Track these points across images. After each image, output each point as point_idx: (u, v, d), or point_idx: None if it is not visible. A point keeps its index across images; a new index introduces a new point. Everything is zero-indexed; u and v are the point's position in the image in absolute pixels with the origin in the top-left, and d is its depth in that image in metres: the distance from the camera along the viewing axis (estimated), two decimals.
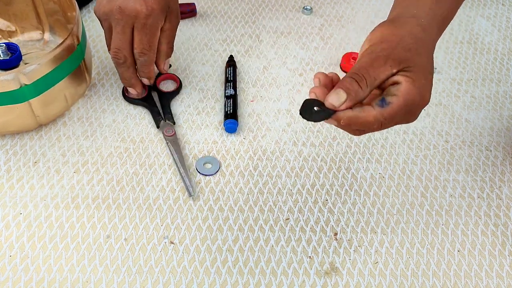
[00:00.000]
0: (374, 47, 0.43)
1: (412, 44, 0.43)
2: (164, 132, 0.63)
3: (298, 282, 0.51)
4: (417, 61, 0.42)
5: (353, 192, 0.59)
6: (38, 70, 0.55)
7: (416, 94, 0.41)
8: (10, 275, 0.50)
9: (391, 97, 0.41)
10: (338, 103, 0.41)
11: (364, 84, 0.41)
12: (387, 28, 0.44)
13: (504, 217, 0.58)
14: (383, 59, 0.41)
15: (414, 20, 0.45)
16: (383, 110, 0.41)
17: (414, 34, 0.44)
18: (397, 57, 0.42)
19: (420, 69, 0.42)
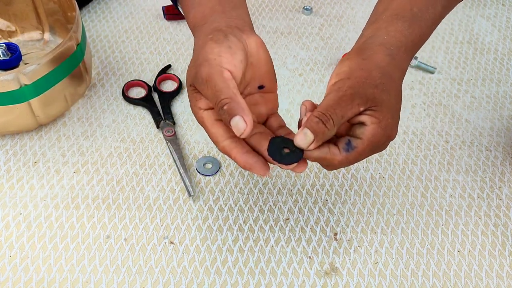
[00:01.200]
0: (341, 83, 0.42)
1: (380, 79, 0.42)
2: (164, 132, 0.63)
3: (298, 282, 0.51)
4: (384, 99, 0.42)
5: (353, 192, 0.59)
6: (38, 70, 0.55)
7: (382, 135, 0.42)
8: (10, 275, 0.50)
9: (356, 141, 0.42)
10: (306, 144, 0.41)
11: (330, 125, 0.40)
12: (354, 62, 0.43)
13: (504, 217, 0.58)
14: (350, 97, 0.41)
15: (383, 48, 0.44)
16: (349, 154, 0.42)
17: (382, 68, 0.43)
18: (364, 95, 0.41)
19: (387, 108, 0.42)
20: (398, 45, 0.45)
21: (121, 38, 0.77)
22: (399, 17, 0.47)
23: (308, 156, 0.42)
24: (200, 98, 0.44)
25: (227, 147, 0.44)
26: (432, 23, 0.49)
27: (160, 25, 0.80)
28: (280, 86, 0.71)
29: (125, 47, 0.75)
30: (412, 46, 0.47)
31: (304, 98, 0.69)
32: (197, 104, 0.45)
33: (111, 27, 0.79)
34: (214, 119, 0.45)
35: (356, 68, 0.43)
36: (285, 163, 0.42)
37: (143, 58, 0.74)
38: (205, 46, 0.44)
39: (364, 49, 0.45)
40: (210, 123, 0.45)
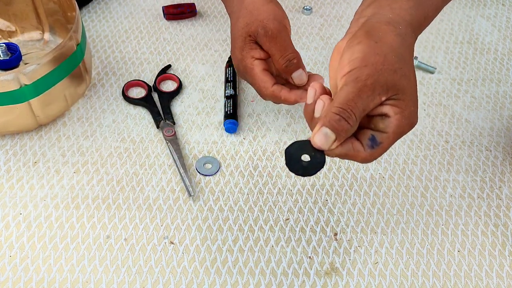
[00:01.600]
0: (358, 72, 0.39)
1: (397, 63, 0.39)
2: (164, 132, 0.63)
3: (298, 283, 0.51)
4: (405, 85, 0.39)
5: (353, 192, 0.59)
6: (38, 70, 0.55)
7: (406, 124, 0.40)
8: (10, 275, 0.50)
9: (381, 135, 0.39)
10: (327, 145, 0.38)
11: (353, 121, 0.38)
12: (367, 45, 0.40)
13: (504, 217, 0.58)
14: (371, 88, 0.38)
15: (391, 28, 0.41)
16: (374, 151, 0.40)
17: (396, 50, 0.40)
18: (384, 83, 0.38)
19: (409, 95, 0.40)
20: (405, 24, 0.43)
21: (121, 38, 0.77)
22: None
23: (328, 154, 0.39)
24: (256, 48, 0.54)
25: (276, 90, 0.54)
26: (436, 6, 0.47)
27: (160, 25, 0.80)
28: None
29: (125, 47, 0.75)
30: (417, 26, 0.45)
31: None
32: (250, 52, 0.54)
33: (111, 27, 0.79)
34: (262, 68, 0.54)
35: (370, 53, 0.39)
36: (311, 174, 0.39)
37: (143, 58, 0.74)
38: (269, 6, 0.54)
39: (373, 30, 0.41)
40: (259, 70, 0.54)
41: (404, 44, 0.41)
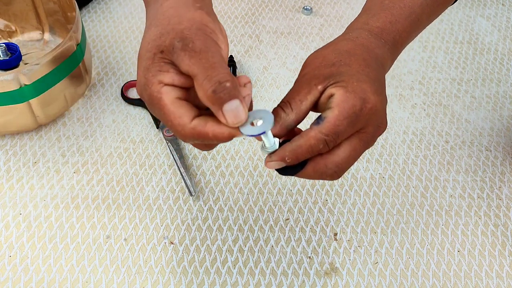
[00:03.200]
0: (299, 76, 0.42)
1: (336, 58, 0.41)
2: (164, 133, 0.63)
3: (298, 283, 0.51)
4: (343, 71, 0.39)
5: (353, 193, 0.59)
6: (38, 70, 0.55)
7: (353, 98, 0.37)
8: (10, 275, 0.50)
9: (326, 112, 0.38)
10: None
11: (288, 108, 0.39)
12: (310, 56, 0.43)
13: (504, 217, 0.58)
14: (306, 81, 0.40)
15: (340, 37, 0.44)
16: (320, 127, 0.37)
17: (338, 50, 0.42)
18: (320, 75, 0.39)
19: (350, 75, 0.39)
20: (358, 31, 0.44)
21: (121, 38, 0.77)
22: (365, 11, 0.47)
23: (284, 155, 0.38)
24: (167, 71, 0.37)
25: (199, 125, 0.36)
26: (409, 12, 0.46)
27: None
28: (280, 86, 0.71)
29: (125, 47, 0.75)
30: (380, 31, 0.45)
31: None
32: (158, 76, 0.36)
33: (111, 27, 0.79)
34: (175, 97, 0.37)
35: (310, 59, 0.43)
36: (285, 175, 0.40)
37: None
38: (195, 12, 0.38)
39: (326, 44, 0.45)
40: (170, 99, 0.36)
41: (351, 44, 0.43)
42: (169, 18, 0.38)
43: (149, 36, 0.38)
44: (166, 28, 0.37)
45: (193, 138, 0.36)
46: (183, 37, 0.36)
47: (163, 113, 0.36)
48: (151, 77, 0.37)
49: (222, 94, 0.35)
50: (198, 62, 0.35)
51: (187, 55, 0.36)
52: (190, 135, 0.36)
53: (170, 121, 0.36)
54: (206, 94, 0.35)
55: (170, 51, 0.36)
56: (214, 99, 0.35)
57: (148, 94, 0.37)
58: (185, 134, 0.36)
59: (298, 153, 0.38)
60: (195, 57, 0.35)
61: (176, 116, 0.36)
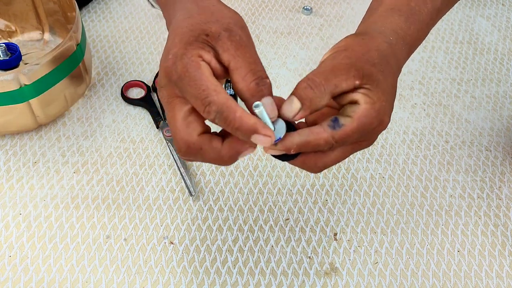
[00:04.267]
0: (337, 54, 0.39)
1: (378, 59, 0.39)
2: (164, 133, 0.63)
3: (298, 283, 0.51)
4: (380, 80, 0.38)
5: (353, 193, 0.59)
6: (38, 70, 0.55)
7: (374, 117, 0.38)
8: (10, 275, 0.50)
9: (345, 119, 0.37)
10: (292, 112, 0.37)
11: (320, 90, 0.36)
12: (353, 39, 0.41)
13: (504, 217, 0.58)
14: (346, 67, 0.37)
15: (382, 36, 0.42)
16: (335, 132, 0.37)
17: (381, 51, 0.40)
18: (361, 68, 0.38)
19: (382, 90, 0.38)
20: (396, 37, 0.43)
21: (121, 38, 0.77)
22: (395, 10, 0.44)
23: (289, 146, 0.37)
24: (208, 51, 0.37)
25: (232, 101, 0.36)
26: (430, 19, 0.46)
27: (160, 25, 0.80)
28: (280, 86, 0.71)
29: (125, 47, 0.75)
30: (410, 40, 0.44)
31: None
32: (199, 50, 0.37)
33: (111, 27, 0.79)
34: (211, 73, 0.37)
35: (354, 43, 0.40)
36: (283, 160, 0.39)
37: (143, 58, 0.74)
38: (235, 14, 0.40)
39: (363, 34, 0.42)
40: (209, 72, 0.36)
41: (390, 50, 0.42)
42: (213, 12, 0.39)
43: (192, 20, 0.38)
44: (211, 18, 0.38)
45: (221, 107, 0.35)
46: (229, 29, 0.37)
47: (198, 79, 0.36)
48: (192, 49, 0.36)
49: (264, 87, 0.36)
50: (243, 55, 0.37)
51: (233, 45, 0.37)
52: (221, 102, 0.35)
53: (205, 86, 0.35)
54: (249, 86, 0.36)
55: (215, 37, 0.37)
56: (256, 91, 0.36)
57: (184, 63, 0.36)
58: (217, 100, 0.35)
59: (304, 148, 0.37)
60: (240, 49, 0.37)
61: (213, 83, 0.35)
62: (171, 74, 0.37)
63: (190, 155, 0.38)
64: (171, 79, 0.37)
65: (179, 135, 0.38)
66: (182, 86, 0.36)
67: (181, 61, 0.36)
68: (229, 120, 0.35)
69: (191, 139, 0.37)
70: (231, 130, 0.36)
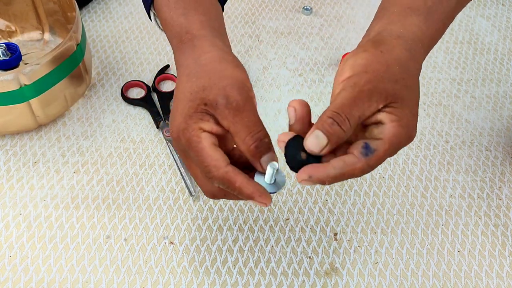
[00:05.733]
0: (357, 78, 0.38)
1: (400, 74, 0.38)
2: (164, 133, 0.63)
3: (298, 283, 0.51)
4: (404, 95, 0.38)
5: (353, 193, 0.59)
6: (38, 70, 0.55)
7: (403, 134, 0.38)
8: (10, 276, 0.50)
9: (375, 142, 0.37)
10: (319, 148, 0.37)
11: (347, 126, 0.36)
12: (371, 54, 0.39)
13: (504, 217, 0.58)
14: (368, 94, 0.37)
15: (401, 42, 0.41)
16: (369, 159, 0.37)
17: (402, 62, 0.39)
18: (384, 90, 0.37)
19: (407, 105, 0.38)
20: (415, 40, 0.42)
21: (121, 38, 0.77)
22: (413, 10, 0.43)
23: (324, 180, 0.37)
24: (208, 120, 0.40)
25: (231, 173, 0.39)
26: (446, 18, 0.45)
27: None
28: (280, 86, 0.71)
29: (125, 47, 0.75)
30: (428, 41, 0.43)
31: (304, 98, 0.69)
32: (199, 123, 0.40)
33: (111, 27, 0.79)
34: (212, 143, 0.40)
35: (373, 60, 0.39)
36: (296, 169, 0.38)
37: (143, 58, 0.74)
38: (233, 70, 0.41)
39: (381, 41, 0.41)
40: (208, 144, 0.39)
41: (412, 59, 0.41)
42: (211, 73, 0.41)
43: (192, 86, 0.41)
44: (208, 82, 0.40)
45: (222, 181, 0.39)
46: (226, 95, 0.39)
47: (200, 155, 0.39)
48: (193, 123, 0.40)
49: (262, 148, 0.39)
50: (241, 120, 0.39)
51: (231, 113, 0.39)
52: (221, 177, 0.39)
53: (207, 163, 0.39)
54: (249, 149, 0.39)
55: (213, 106, 0.39)
56: (256, 153, 0.39)
57: (187, 137, 0.40)
58: (217, 175, 0.39)
59: (339, 179, 0.38)
60: (238, 115, 0.39)
61: (214, 158, 0.39)
62: (178, 143, 0.41)
63: (218, 198, 0.44)
64: (178, 146, 0.42)
65: (203, 187, 0.43)
66: (189, 156, 0.41)
67: (183, 135, 0.40)
68: (231, 189, 0.39)
69: (214, 189, 0.42)
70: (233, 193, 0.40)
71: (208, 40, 0.44)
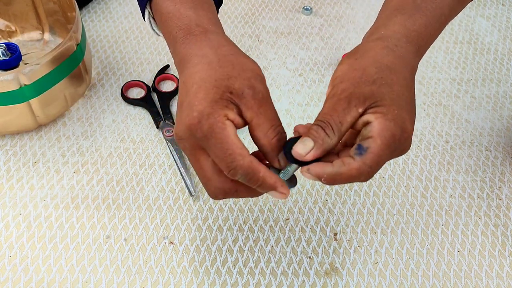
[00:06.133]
0: (335, 90, 0.40)
1: (376, 74, 0.39)
2: (164, 133, 0.63)
3: (298, 283, 0.51)
4: (384, 92, 0.39)
5: (353, 193, 0.59)
6: (38, 70, 0.55)
7: (393, 127, 0.38)
8: (10, 276, 0.50)
9: (367, 141, 0.38)
10: (305, 151, 0.38)
11: (330, 131, 0.38)
12: (347, 63, 0.41)
13: (504, 217, 0.58)
14: (345, 100, 0.38)
15: (379, 43, 0.42)
16: (364, 158, 0.38)
17: (378, 62, 0.40)
18: (361, 94, 0.38)
19: (390, 100, 0.39)
20: (397, 37, 0.42)
21: (121, 38, 0.77)
22: (399, 11, 0.44)
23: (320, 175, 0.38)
24: (232, 110, 0.39)
25: (256, 162, 0.38)
26: (440, 14, 0.45)
27: None
28: (280, 86, 0.71)
29: (125, 47, 0.75)
30: (416, 36, 0.43)
31: (304, 98, 0.69)
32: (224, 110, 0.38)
33: (111, 27, 0.79)
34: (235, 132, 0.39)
35: (348, 69, 0.40)
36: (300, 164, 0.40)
37: (143, 58, 0.74)
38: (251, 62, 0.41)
39: (357, 49, 0.43)
40: (233, 132, 0.38)
41: (392, 55, 0.41)
42: (234, 64, 0.40)
43: (214, 74, 0.39)
44: (233, 72, 0.40)
45: (246, 170, 0.38)
46: (252, 86, 0.39)
47: (225, 142, 0.38)
48: (219, 109, 0.38)
49: (282, 142, 0.40)
50: (265, 112, 0.40)
51: (256, 103, 0.39)
52: (247, 165, 0.38)
53: (231, 150, 0.38)
54: (270, 142, 0.40)
55: (239, 95, 0.39)
56: (277, 146, 0.40)
57: (211, 123, 0.38)
58: (243, 163, 0.38)
59: (336, 179, 0.38)
60: (262, 107, 0.39)
61: (239, 147, 0.38)
62: (196, 131, 0.38)
63: (225, 198, 0.42)
64: (195, 135, 0.39)
65: (212, 184, 0.41)
66: (208, 146, 0.39)
67: (207, 121, 0.38)
68: (254, 180, 0.39)
69: (226, 185, 0.40)
70: (252, 185, 0.39)
71: (220, 34, 0.44)
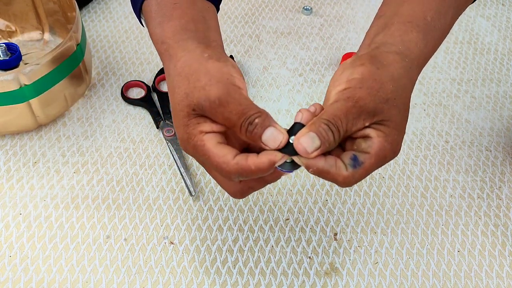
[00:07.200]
0: (351, 92, 0.39)
1: (392, 93, 0.40)
2: (164, 133, 0.63)
3: (298, 283, 0.51)
4: (393, 114, 0.39)
5: (353, 193, 0.59)
6: (38, 70, 0.55)
7: (389, 150, 0.39)
8: (10, 276, 0.50)
9: (363, 155, 0.39)
10: (312, 149, 0.38)
11: (337, 136, 0.38)
12: (368, 70, 0.40)
13: (504, 217, 0.58)
14: (358, 110, 0.39)
15: (398, 59, 0.42)
16: (355, 171, 0.39)
17: (396, 80, 0.40)
18: (373, 110, 0.39)
19: (395, 124, 0.40)
20: (412, 58, 0.43)
21: (121, 38, 0.77)
22: (414, 25, 0.44)
23: (310, 165, 0.39)
24: (205, 122, 0.40)
25: (241, 160, 0.39)
26: (442, 34, 0.46)
27: None
28: (280, 86, 0.71)
29: (125, 47, 0.75)
30: (423, 61, 0.44)
31: (304, 98, 0.69)
32: (198, 128, 0.40)
33: (111, 27, 0.79)
34: (216, 142, 0.40)
35: (369, 77, 0.40)
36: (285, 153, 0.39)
37: (143, 58, 0.74)
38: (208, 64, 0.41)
39: (379, 56, 0.42)
40: (213, 144, 0.40)
41: (407, 77, 0.42)
42: (187, 78, 0.41)
43: (176, 97, 0.41)
44: (188, 88, 0.40)
45: (238, 173, 0.39)
46: (206, 95, 0.39)
47: (208, 157, 0.40)
48: (192, 130, 0.40)
49: (256, 130, 0.39)
50: (229, 114, 0.39)
51: (217, 111, 0.39)
52: (235, 170, 0.39)
53: (216, 162, 0.39)
54: (245, 136, 0.39)
55: (200, 109, 0.40)
56: (252, 137, 0.39)
57: (192, 145, 0.40)
58: (230, 170, 0.39)
59: (321, 174, 0.39)
60: (224, 111, 0.39)
61: (220, 156, 0.39)
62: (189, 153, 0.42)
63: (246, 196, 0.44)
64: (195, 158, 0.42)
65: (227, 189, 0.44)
66: (201, 162, 0.42)
67: (189, 145, 0.41)
68: (250, 175, 0.39)
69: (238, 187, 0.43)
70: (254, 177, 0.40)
71: (180, 46, 0.44)
